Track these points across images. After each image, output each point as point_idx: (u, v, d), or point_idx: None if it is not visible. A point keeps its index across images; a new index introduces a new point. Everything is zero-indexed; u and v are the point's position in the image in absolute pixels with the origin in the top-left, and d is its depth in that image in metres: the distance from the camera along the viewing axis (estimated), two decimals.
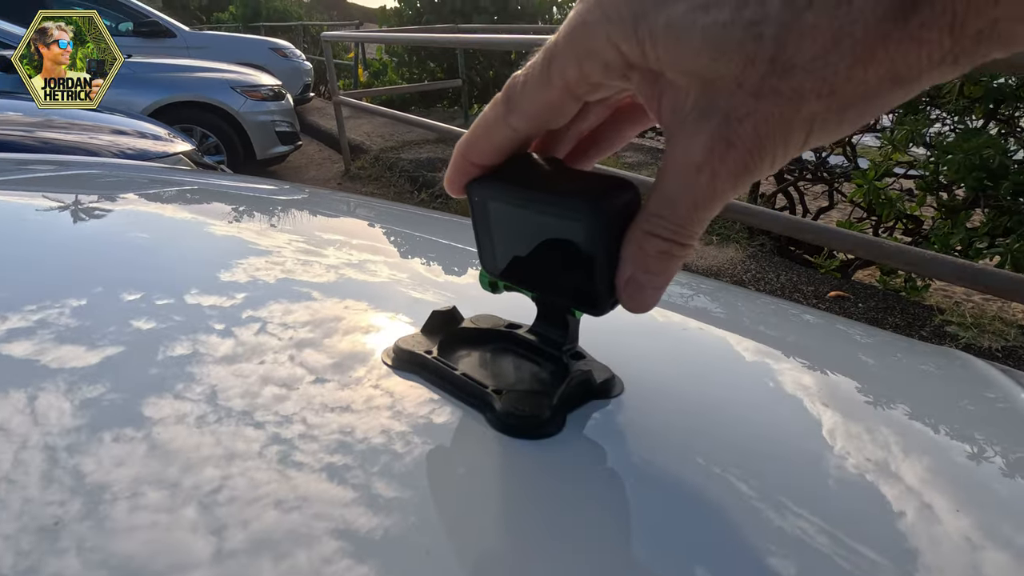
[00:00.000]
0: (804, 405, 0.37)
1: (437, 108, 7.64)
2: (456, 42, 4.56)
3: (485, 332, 0.37)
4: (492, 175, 0.30)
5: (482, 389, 0.32)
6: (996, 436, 0.38)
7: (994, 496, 0.32)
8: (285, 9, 13.36)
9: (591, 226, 0.27)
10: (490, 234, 0.32)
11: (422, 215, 0.90)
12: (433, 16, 7.55)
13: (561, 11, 7.59)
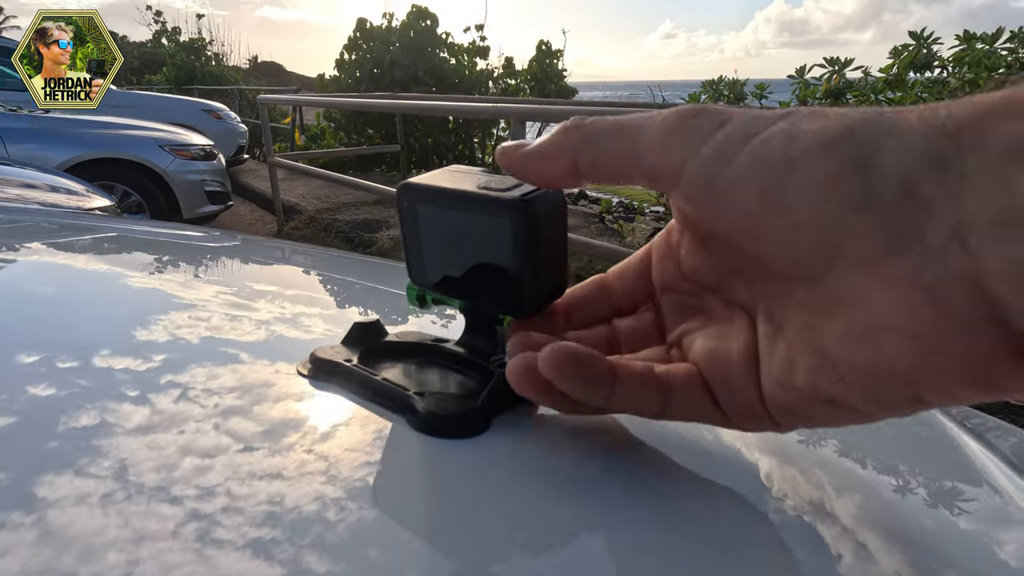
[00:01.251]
0: None
1: (375, 172, 7.70)
2: (396, 107, 4.68)
3: (408, 345, 0.36)
4: (415, 182, 0.30)
5: (404, 392, 0.31)
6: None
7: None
8: (221, 74, 13.33)
9: (516, 224, 0.27)
10: (418, 240, 0.31)
11: (362, 261, 0.88)
12: (372, 85, 7.74)
13: (496, 85, 7.99)
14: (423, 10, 7.68)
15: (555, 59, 7.37)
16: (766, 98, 4.49)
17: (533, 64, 7.44)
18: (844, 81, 3.77)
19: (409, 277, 0.33)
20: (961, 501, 0.35)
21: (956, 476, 0.39)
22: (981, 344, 0.18)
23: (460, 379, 0.33)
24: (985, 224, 0.17)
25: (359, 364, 0.33)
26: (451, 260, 0.31)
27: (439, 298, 0.33)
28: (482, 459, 0.28)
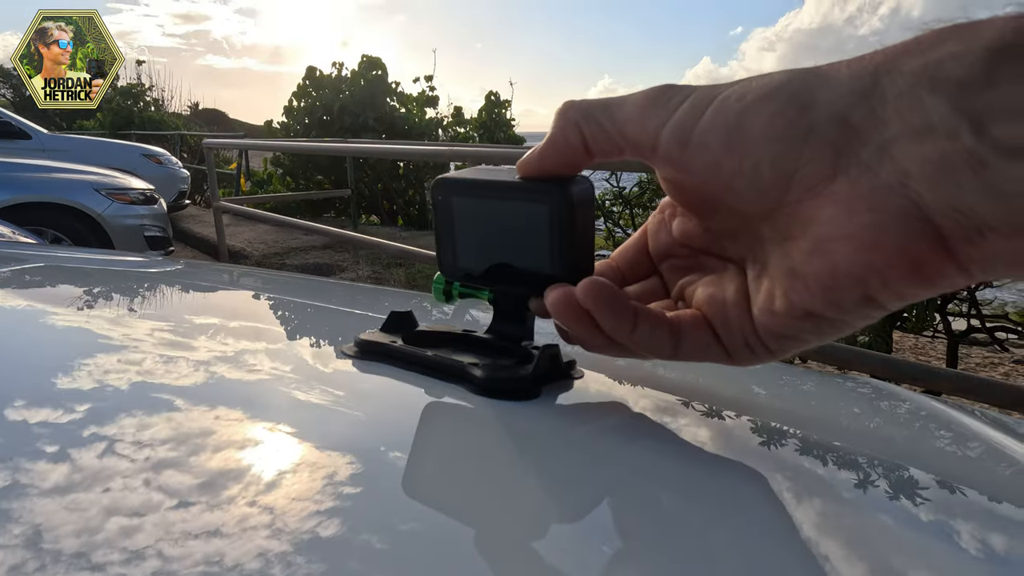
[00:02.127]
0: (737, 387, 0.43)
1: (324, 218, 7.62)
2: (356, 151, 4.68)
3: (442, 333, 0.37)
4: (450, 177, 0.32)
5: (459, 363, 0.33)
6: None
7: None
8: (161, 119, 13.05)
9: (556, 208, 0.29)
10: (452, 233, 0.33)
11: (320, 283, 0.86)
12: (321, 132, 7.75)
13: (446, 132, 8.14)
14: (374, 60, 7.82)
15: (503, 109, 7.61)
16: None
17: (482, 113, 7.65)
18: None
19: (440, 270, 0.35)
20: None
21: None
22: (911, 239, 0.21)
23: (497, 358, 0.35)
24: (904, 136, 0.20)
25: (406, 345, 0.36)
26: (485, 249, 0.32)
27: (466, 291, 0.35)
28: (535, 418, 0.31)
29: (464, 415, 0.32)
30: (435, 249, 0.35)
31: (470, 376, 0.32)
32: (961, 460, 0.41)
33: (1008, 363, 5.68)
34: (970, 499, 0.33)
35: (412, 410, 0.32)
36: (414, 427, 0.30)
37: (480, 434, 0.30)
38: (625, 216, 6.18)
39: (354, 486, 0.26)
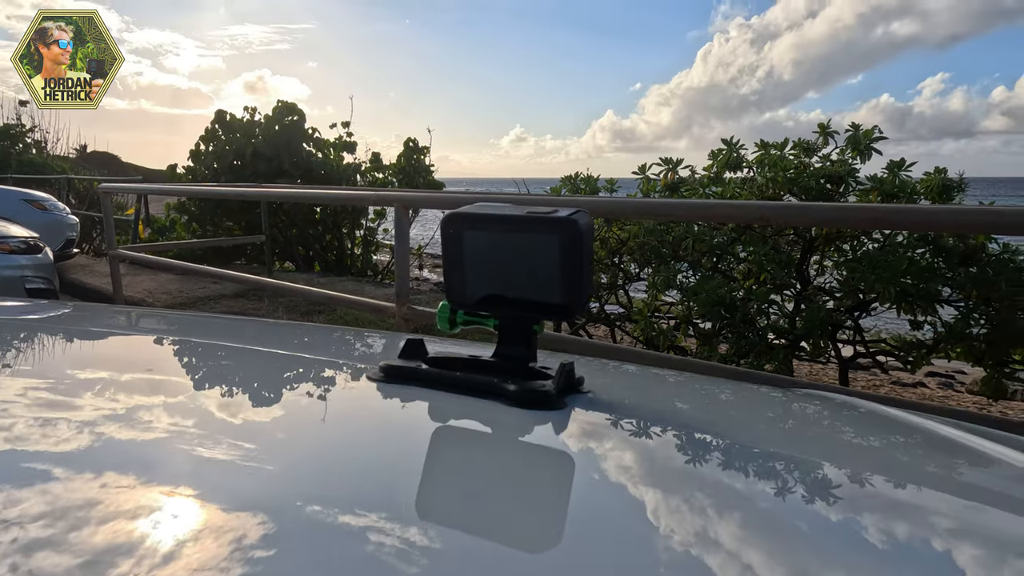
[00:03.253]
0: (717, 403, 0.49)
1: (234, 265, 7.26)
2: (264, 194, 4.54)
3: (455, 358, 0.41)
4: (460, 212, 0.35)
5: (490, 380, 0.37)
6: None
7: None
8: (44, 163, 12.00)
9: (569, 238, 0.33)
10: (462, 264, 0.37)
11: (224, 321, 0.82)
12: (232, 177, 7.47)
13: (364, 177, 8.11)
14: (289, 106, 7.72)
15: (422, 155, 7.73)
16: (615, 191, 5.09)
17: (401, 159, 7.72)
18: (678, 177, 4.43)
19: (448, 299, 0.39)
20: None
21: None
22: None
23: (516, 377, 0.39)
24: None
25: (432, 368, 0.39)
26: (494, 279, 0.37)
27: (470, 319, 0.39)
28: (564, 425, 0.37)
29: (506, 424, 0.36)
30: (443, 279, 0.38)
31: (505, 392, 0.37)
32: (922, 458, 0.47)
33: (887, 384, 6.38)
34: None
35: (463, 421, 0.36)
36: (468, 435, 0.34)
37: (523, 439, 0.35)
38: None
39: (434, 485, 0.28)
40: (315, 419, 0.36)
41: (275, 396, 0.44)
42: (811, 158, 4.21)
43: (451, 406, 0.37)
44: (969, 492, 0.38)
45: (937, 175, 4.01)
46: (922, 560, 0.29)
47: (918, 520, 0.33)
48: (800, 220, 3.11)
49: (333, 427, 0.34)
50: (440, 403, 0.37)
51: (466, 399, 0.37)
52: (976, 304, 3.62)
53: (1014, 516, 0.34)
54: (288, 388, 0.47)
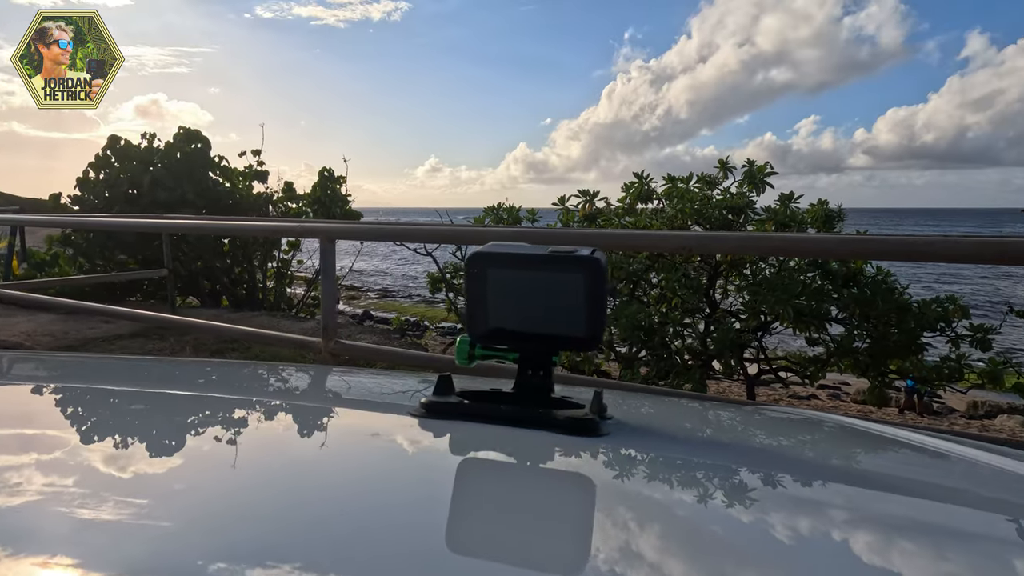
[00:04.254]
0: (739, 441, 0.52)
1: (129, 303, 6.67)
2: (170, 226, 4.24)
3: (482, 392, 0.43)
4: (484, 251, 0.38)
5: (535, 411, 0.39)
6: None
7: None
8: None
9: (592, 274, 0.36)
10: (485, 300, 0.39)
11: (123, 362, 0.77)
12: (126, 206, 6.92)
13: (276, 208, 7.80)
14: (192, 132, 7.32)
15: (338, 184, 7.56)
16: (536, 221, 5.25)
17: (316, 189, 7.51)
18: (595, 208, 4.66)
19: (469, 333, 0.41)
20: None
21: None
22: None
23: (550, 407, 0.41)
24: None
25: (475, 403, 0.41)
26: (517, 314, 0.39)
27: (489, 353, 0.40)
28: (612, 449, 0.40)
29: (562, 451, 0.39)
30: (465, 315, 0.40)
31: (554, 422, 0.39)
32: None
33: (785, 398, 6.95)
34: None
35: (520, 452, 0.38)
36: (529, 466, 0.36)
37: (581, 464, 0.38)
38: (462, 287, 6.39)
39: (518, 512, 0.30)
40: (357, 460, 0.36)
41: (283, 443, 0.44)
42: (713, 191, 4.58)
43: (502, 438, 0.39)
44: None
45: (820, 206, 4.49)
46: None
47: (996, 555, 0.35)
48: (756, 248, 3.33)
49: (385, 466, 0.34)
50: (490, 436, 0.39)
51: (513, 431, 0.39)
52: (859, 321, 4.05)
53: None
54: (307, 435, 0.47)
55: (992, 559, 0.35)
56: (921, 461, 0.54)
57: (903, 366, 4.18)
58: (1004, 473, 0.48)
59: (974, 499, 0.43)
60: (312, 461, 0.38)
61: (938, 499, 0.43)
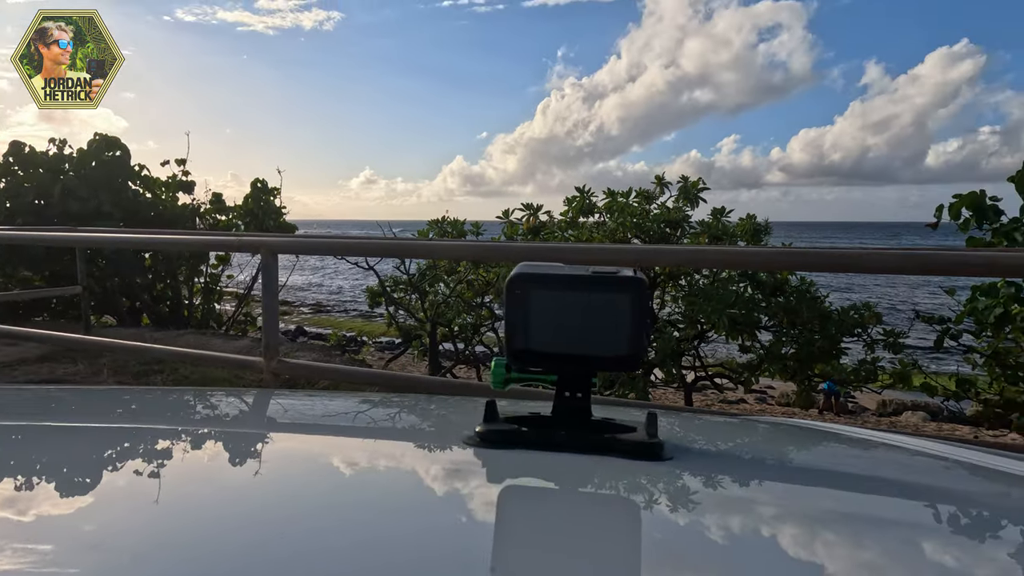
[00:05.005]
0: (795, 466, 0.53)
1: (35, 322, 6.12)
2: (97, 240, 3.93)
3: (528, 416, 0.43)
4: (527, 272, 0.38)
5: (599, 436, 0.39)
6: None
7: None
8: None
9: (637, 295, 0.37)
10: (527, 322, 0.38)
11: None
12: (32, 218, 6.36)
13: (204, 221, 7.41)
14: (111, 139, 6.84)
15: (272, 196, 7.29)
16: (481, 234, 5.27)
17: (248, 200, 7.20)
18: (539, 221, 4.73)
19: (509, 355, 0.39)
20: None
21: None
22: None
23: (606, 430, 0.41)
24: None
25: (531, 430, 0.40)
26: (558, 336, 0.38)
27: (525, 377, 0.39)
28: (679, 472, 0.40)
29: (633, 476, 0.39)
30: (505, 337, 0.40)
31: (621, 447, 0.39)
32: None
33: (716, 402, 7.29)
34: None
35: (593, 478, 0.38)
36: (609, 492, 0.37)
37: (655, 489, 0.38)
38: (405, 301, 6.32)
39: (606, 542, 0.30)
40: (418, 496, 0.34)
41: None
42: (650, 205, 4.76)
43: (567, 466, 0.38)
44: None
45: (749, 220, 4.76)
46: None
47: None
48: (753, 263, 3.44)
49: (453, 501, 0.33)
50: (555, 464, 0.38)
51: (576, 458, 0.38)
52: (787, 328, 4.31)
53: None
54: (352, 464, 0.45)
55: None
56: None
57: (825, 370, 4.48)
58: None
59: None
60: (363, 499, 0.36)
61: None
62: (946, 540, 0.40)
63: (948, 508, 0.45)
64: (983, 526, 0.43)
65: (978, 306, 3.34)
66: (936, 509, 0.45)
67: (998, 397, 3.50)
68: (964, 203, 3.19)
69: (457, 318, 5.72)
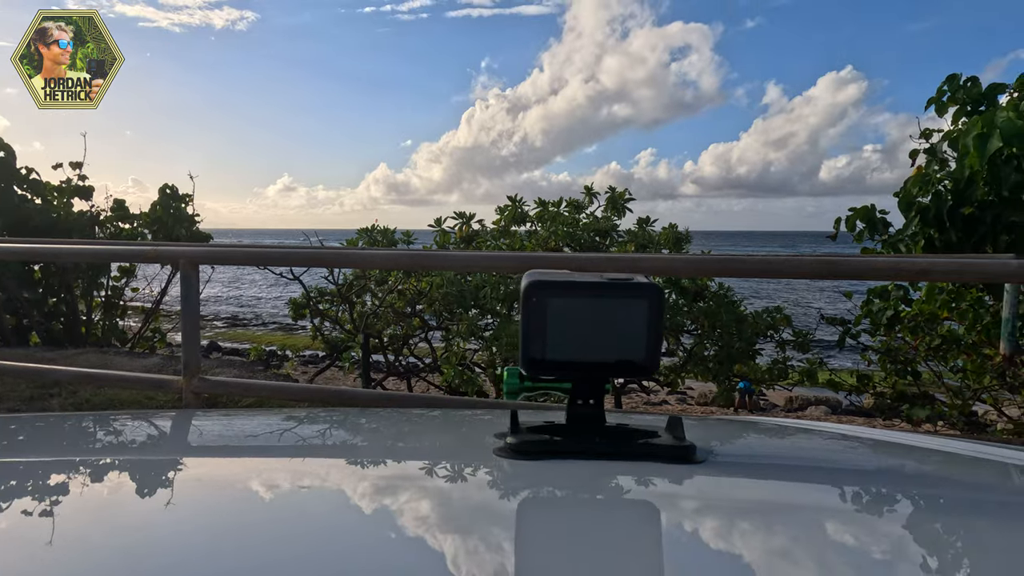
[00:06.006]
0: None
1: None
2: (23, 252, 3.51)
3: (542, 426, 0.43)
4: (544, 279, 0.38)
5: (634, 442, 0.40)
6: None
7: None
8: None
9: (653, 302, 0.38)
10: (544, 329, 0.38)
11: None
12: None
13: (104, 229, 6.81)
14: None
15: (184, 203, 6.82)
16: (412, 242, 5.19)
17: (157, 208, 6.69)
18: (472, 230, 4.73)
19: (524, 364, 0.39)
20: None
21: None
22: None
23: (633, 436, 0.42)
24: None
25: (565, 438, 0.40)
26: (575, 343, 0.38)
27: (538, 387, 0.39)
28: (714, 473, 0.41)
29: (672, 480, 0.39)
30: (521, 346, 0.39)
31: (656, 451, 0.40)
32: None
33: (641, 404, 7.60)
34: None
35: (635, 484, 0.38)
36: (656, 497, 0.37)
37: (700, 490, 0.39)
38: (331, 312, 6.12)
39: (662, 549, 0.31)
40: (454, 510, 0.33)
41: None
42: (580, 214, 4.89)
43: (605, 473, 0.38)
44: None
45: (671, 229, 5.00)
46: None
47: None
48: None
49: (499, 515, 0.32)
50: (593, 472, 0.38)
51: (611, 464, 0.38)
52: (708, 332, 4.55)
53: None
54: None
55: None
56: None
57: (743, 370, 4.77)
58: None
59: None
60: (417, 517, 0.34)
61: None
62: (987, 541, 0.40)
63: (980, 507, 0.45)
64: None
65: (873, 308, 3.68)
66: (963, 507, 0.45)
67: (891, 390, 3.86)
68: (858, 216, 3.52)
69: (387, 328, 5.58)
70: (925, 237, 2.77)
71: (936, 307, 3.39)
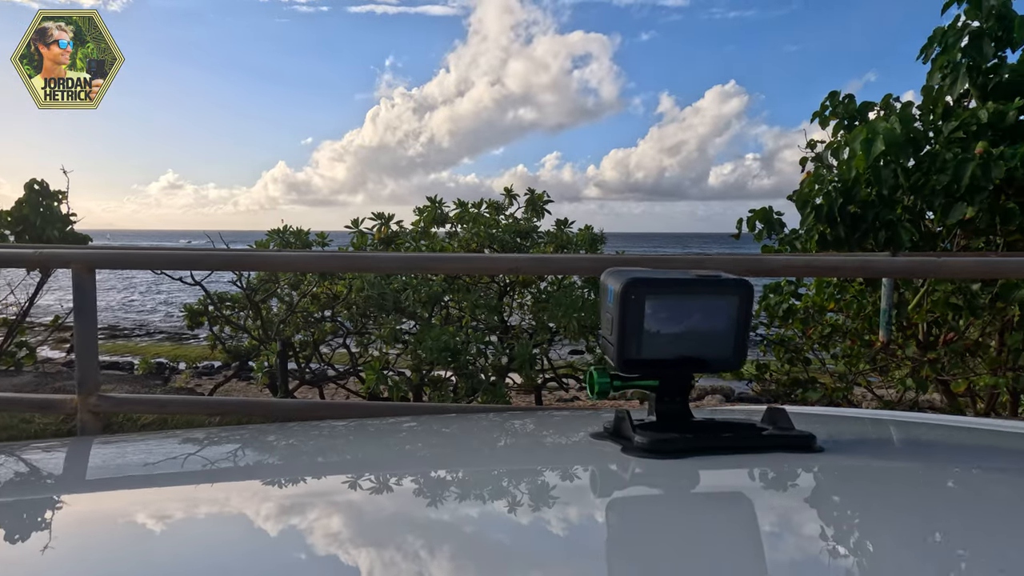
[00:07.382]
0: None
1: None
2: None
3: (651, 423, 0.43)
4: (641, 277, 0.38)
5: (758, 435, 0.40)
6: None
7: None
8: None
9: (745, 298, 0.39)
10: (640, 327, 0.39)
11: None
12: None
13: (66, 235, 5.90)
14: None
15: (57, 201, 6.07)
16: (328, 244, 4.96)
17: (23, 206, 5.90)
18: (391, 231, 4.61)
19: (618, 362, 0.39)
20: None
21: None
22: None
23: (738, 429, 0.43)
24: None
25: (683, 436, 0.41)
26: (665, 340, 0.39)
27: (627, 385, 0.38)
28: (832, 460, 0.42)
29: (804, 469, 0.40)
30: (616, 344, 0.40)
31: (782, 443, 0.41)
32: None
33: (555, 401, 7.84)
34: None
35: (771, 476, 0.39)
36: (797, 487, 0.38)
37: (832, 478, 0.40)
38: (235, 317, 5.74)
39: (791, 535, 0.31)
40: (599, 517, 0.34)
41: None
42: (500, 215, 4.92)
43: (738, 466, 0.39)
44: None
45: (587, 231, 5.17)
46: None
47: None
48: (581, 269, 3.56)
49: (660, 516, 0.33)
50: (726, 466, 0.39)
51: (739, 457, 0.40)
52: None
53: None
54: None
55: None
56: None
57: None
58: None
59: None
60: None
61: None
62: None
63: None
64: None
65: (770, 302, 4.02)
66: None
67: (786, 376, 4.24)
68: (758, 217, 3.83)
69: (296, 334, 5.29)
70: (818, 233, 3.07)
71: (824, 299, 3.77)
